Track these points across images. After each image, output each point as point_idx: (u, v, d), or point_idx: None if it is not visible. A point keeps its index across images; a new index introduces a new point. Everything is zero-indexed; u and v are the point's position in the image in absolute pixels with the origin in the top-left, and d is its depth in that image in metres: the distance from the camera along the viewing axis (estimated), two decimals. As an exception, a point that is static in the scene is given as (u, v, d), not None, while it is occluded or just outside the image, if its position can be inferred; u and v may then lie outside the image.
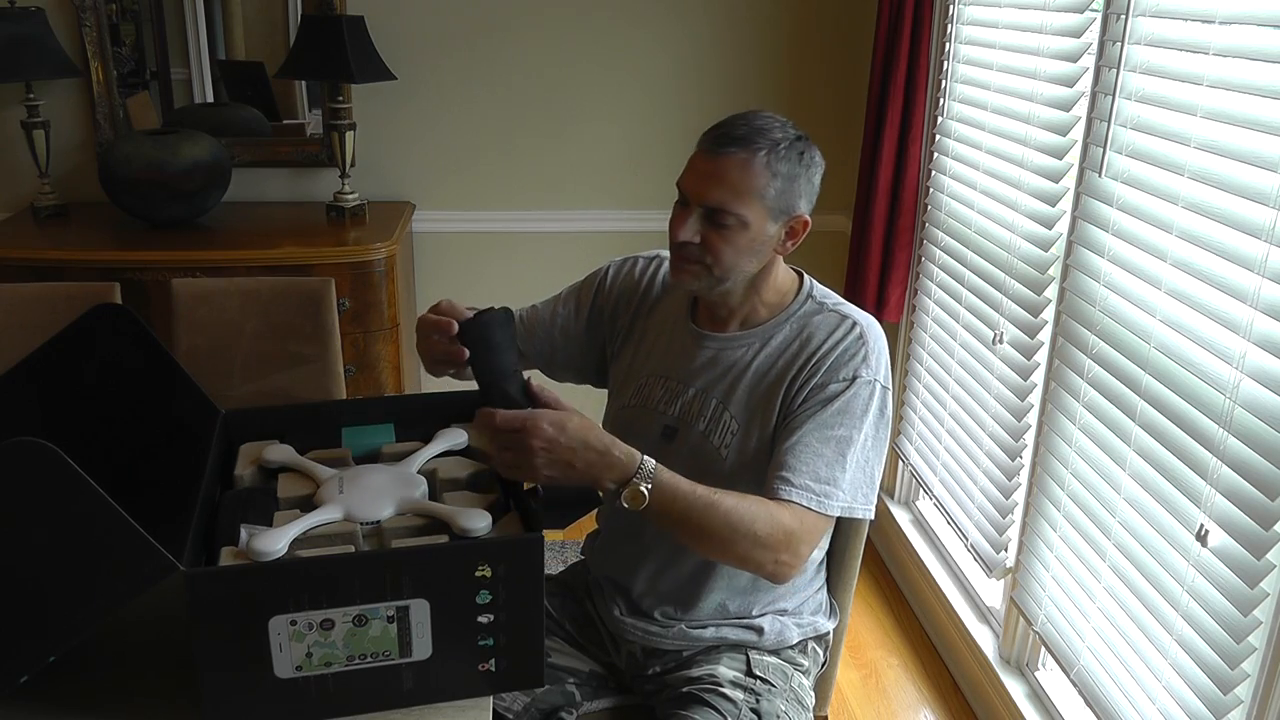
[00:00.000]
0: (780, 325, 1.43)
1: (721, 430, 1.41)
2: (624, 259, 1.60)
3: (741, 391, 1.41)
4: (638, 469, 1.21)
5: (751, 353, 1.43)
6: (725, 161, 1.32)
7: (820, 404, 1.35)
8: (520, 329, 1.53)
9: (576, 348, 1.60)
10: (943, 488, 2.54)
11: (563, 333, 1.58)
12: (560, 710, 1.48)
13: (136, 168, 2.57)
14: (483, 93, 2.96)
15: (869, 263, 2.68)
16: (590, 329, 1.59)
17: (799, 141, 1.35)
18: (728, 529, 1.25)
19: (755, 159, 1.31)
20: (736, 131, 1.32)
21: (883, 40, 2.57)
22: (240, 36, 2.93)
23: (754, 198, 1.32)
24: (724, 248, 1.34)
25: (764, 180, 1.32)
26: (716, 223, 1.33)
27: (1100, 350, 1.81)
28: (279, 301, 2.09)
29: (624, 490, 1.21)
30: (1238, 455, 1.44)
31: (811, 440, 1.33)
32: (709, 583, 1.46)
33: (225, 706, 1.08)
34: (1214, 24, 1.54)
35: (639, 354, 1.54)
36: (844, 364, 1.37)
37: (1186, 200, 1.58)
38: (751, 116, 1.34)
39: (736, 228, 1.33)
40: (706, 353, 1.45)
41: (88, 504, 0.97)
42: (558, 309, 1.59)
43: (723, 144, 1.32)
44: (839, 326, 1.40)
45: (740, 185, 1.32)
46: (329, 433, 1.41)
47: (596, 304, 1.58)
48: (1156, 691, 1.62)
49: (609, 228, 3.06)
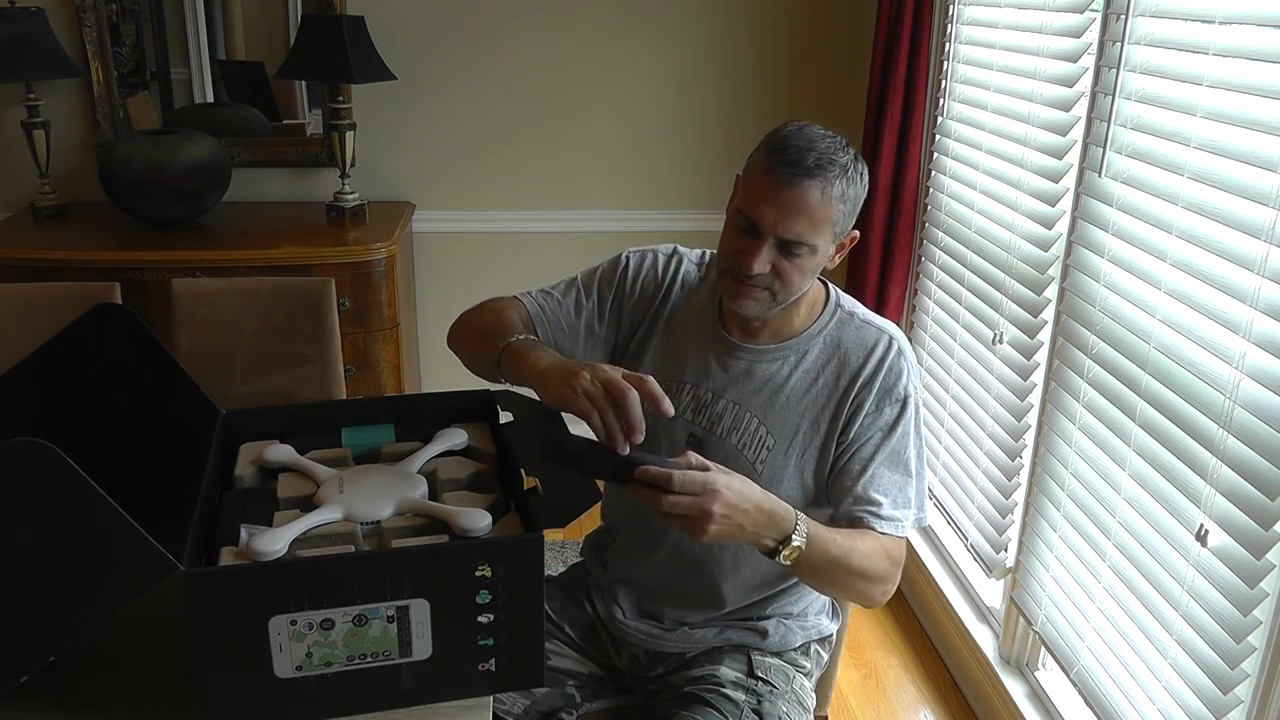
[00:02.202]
0: (814, 339, 1.42)
1: (756, 445, 1.41)
2: (640, 252, 1.54)
3: (779, 408, 1.41)
4: (795, 525, 1.23)
5: (788, 368, 1.41)
6: (803, 193, 1.28)
7: (883, 430, 1.38)
8: (541, 318, 1.48)
9: (595, 342, 1.53)
10: (943, 488, 2.54)
11: (587, 327, 1.51)
12: (560, 711, 1.48)
13: (136, 168, 2.57)
14: (483, 93, 2.96)
15: (869, 263, 2.68)
16: (609, 324, 1.53)
17: (857, 161, 1.32)
18: (860, 573, 1.30)
19: (831, 189, 1.29)
20: (808, 160, 1.28)
21: (883, 40, 2.57)
22: (240, 36, 2.93)
23: (826, 225, 1.31)
24: (794, 275, 1.33)
25: (837, 209, 1.31)
26: (789, 252, 1.31)
27: (1100, 350, 1.81)
28: (279, 301, 2.09)
29: (783, 549, 1.22)
30: (1238, 455, 1.44)
31: (885, 471, 1.37)
32: (722, 586, 1.46)
33: (225, 706, 1.08)
34: (1214, 24, 1.54)
35: (660, 357, 1.49)
36: (893, 385, 1.38)
37: (1186, 200, 1.58)
38: (811, 138, 1.30)
39: (807, 255, 1.32)
40: (740, 364, 1.43)
41: (88, 504, 0.97)
42: (581, 302, 1.51)
43: (800, 174, 1.28)
44: (877, 344, 1.40)
45: (819, 216, 1.30)
46: (329, 433, 1.41)
47: (617, 298, 1.52)
48: (1156, 691, 1.62)
49: (609, 228, 3.06)
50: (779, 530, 1.22)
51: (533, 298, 1.51)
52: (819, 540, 1.25)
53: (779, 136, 1.32)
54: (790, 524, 1.22)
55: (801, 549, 1.22)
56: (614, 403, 1.16)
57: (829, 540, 1.26)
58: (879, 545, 1.32)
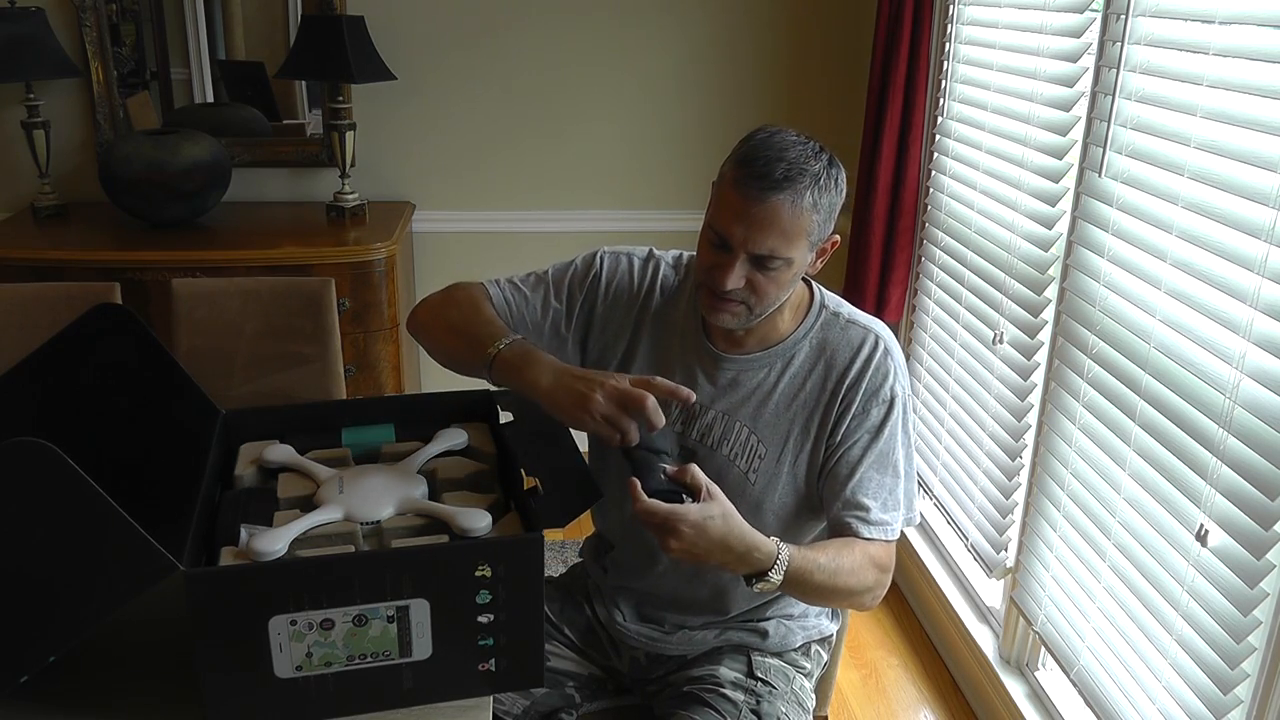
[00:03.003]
0: (800, 343, 1.40)
1: (748, 455, 1.39)
2: (615, 255, 1.48)
3: (768, 416, 1.39)
4: (774, 563, 1.22)
5: (775, 374, 1.40)
6: (773, 207, 1.24)
7: (870, 433, 1.36)
8: (507, 313, 1.43)
9: (560, 342, 1.47)
10: (943, 488, 2.54)
11: (553, 327, 1.46)
12: (560, 712, 1.48)
13: (136, 168, 2.57)
14: (483, 93, 2.96)
15: (869, 263, 2.68)
16: (578, 326, 1.47)
17: (831, 167, 1.29)
18: (845, 590, 1.31)
19: (803, 200, 1.25)
20: (776, 172, 1.24)
21: (883, 40, 2.57)
22: (240, 36, 2.93)
23: (801, 238, 1.27)
24: (770, 289, 1.30)
25: (811, 219, 1.27)
26: (763, 267, 1.28)
27: (1100, 350, 1.81)
28: (279, 301, 2.09)
29: (756, 582, 1.23)
30: (1238, 455, 1.44)
31: (872, 474, 1.36)
32: (726, 592, 1.46)
33: (225, 706, 1.08)
34: (1214, 24, 1.53)
35: (646, 367, 1.45)
36: (879, 386, 1.37)
37: (1186, 200, 1.58)
38: (781, 146, 1.26)
39: (783, 268, 1.29)
40: (726, 374, 1.41)
41: (87, 504, 0.97)
42: (550, 301, 1.46)
43: (768, 188, 1.24)
44: (863, 344, 1.38)
45: (792, 230, 1.26)
46: (329, 433, 1.41)
47: (588, 301, 1.46)
48: (1156, 691, 1.62)
49: (609, 228, 3.06)
50: (750, 566, 1.22)
51: (500, 289, 1.46)
52: (800, 574, 1.24)
53: (748, 146, 1.28)
54: (768, 561, 1.22)
55: (775, 582, 1.23)
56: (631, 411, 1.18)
57: (812, 568, 1.26)
58: (865, 556, 1.32)
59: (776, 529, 1.39)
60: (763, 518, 1.39)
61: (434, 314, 1.44)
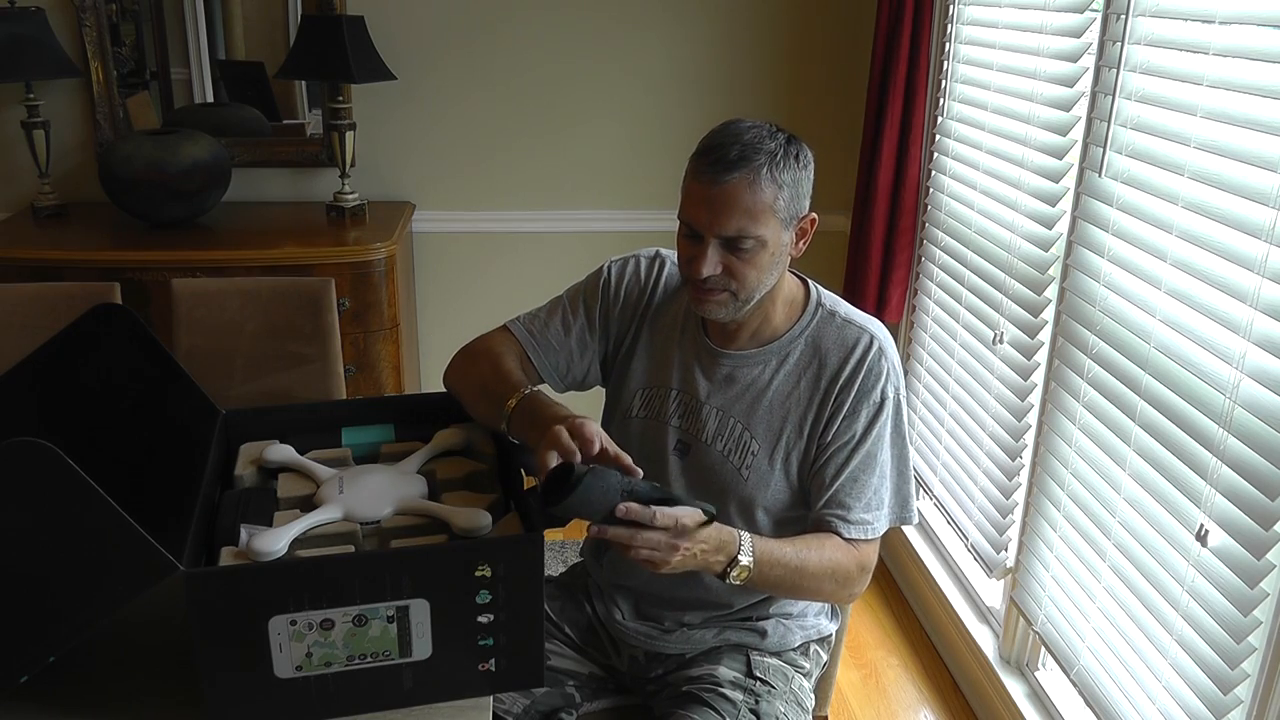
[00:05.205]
0: (795, 341, 1.41)
1: (742, 451, 1.41)
2: (622, 260, 1.54)
3: (762, 412, 1.40)
4: (739, 545, 1.25)
5: (769, 372, 1.41)
6: (731, 188, 1.27)
7: (859, 433, 1.38)
8: (532, 343, 1.48)
9: (588, 354, 1.52)
10: (943, 488, 2.54)
11: (579, 342, 1.50)
12: (560, 711, 1.48)
13: (136, 168, 2.57)
14: (483, 93, 2.96)
15: (869, 263, 2.68)
16: (599, 335, 1.52)
17: (790, 144, 1.31)
18: (814, 583, 1.34)
19: (760, 177, 1.27)
20: (730, 154, 1.27)
21: (883, 40, 2.57)
22: (240, 36, 2.93)
23: (767, 214, 1.29)
24: (748, 271, 1.31)
25: (772, 194, 1.29)
26: (736, 249, 1.30)
27: (1100, 350, 1.81)
28: (279, 301, 2.09)
29: (731, 571, 1.26)
30: (1238, 455, 1.44)
31: (859, 474, 1.37)
32: (719, 587, 1.46)
33: (225, 706, 1.08)
34: (1214, 24, 1.53)
35: (645, 362, 1.49)
36: (872, 387, 1.38)
37: (1186, 200, 1.58)
38: (736, 132, 1.30)
39: (756, 249, 1.30)
40: (722, 370, 1.43)
41: (87, 504, 0.97)
42: (569, 320, 1.50)
43: (722, 170, 1.27)
44: (857, 343, 1.39)
45: (753, 207, 1.28)
46: (329, 433, 1.41)
47: (604, 308, 1.51)
48: (1156, 691, 1.62)
49: (609, 228, 3.05)
50: (725, 555, 1.25)
51: (521, 325, 1.51)
52: (768, 558, 1.28)
53: (706, 137, 1.33)
54: (735, 546, 1.25)
55: (750, 568, 1.26)
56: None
57: (779, 556, 1.29)
58: (839, 550, 1.34)
59: (768, 525, 1.41)
60: (754, 514, 1.41)
61: (460, 374, 1.48)
